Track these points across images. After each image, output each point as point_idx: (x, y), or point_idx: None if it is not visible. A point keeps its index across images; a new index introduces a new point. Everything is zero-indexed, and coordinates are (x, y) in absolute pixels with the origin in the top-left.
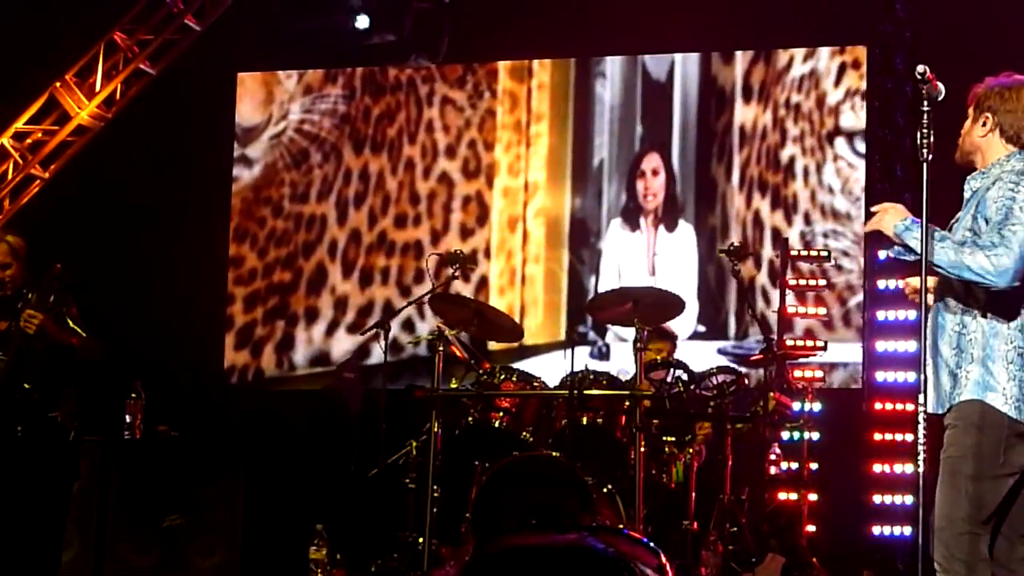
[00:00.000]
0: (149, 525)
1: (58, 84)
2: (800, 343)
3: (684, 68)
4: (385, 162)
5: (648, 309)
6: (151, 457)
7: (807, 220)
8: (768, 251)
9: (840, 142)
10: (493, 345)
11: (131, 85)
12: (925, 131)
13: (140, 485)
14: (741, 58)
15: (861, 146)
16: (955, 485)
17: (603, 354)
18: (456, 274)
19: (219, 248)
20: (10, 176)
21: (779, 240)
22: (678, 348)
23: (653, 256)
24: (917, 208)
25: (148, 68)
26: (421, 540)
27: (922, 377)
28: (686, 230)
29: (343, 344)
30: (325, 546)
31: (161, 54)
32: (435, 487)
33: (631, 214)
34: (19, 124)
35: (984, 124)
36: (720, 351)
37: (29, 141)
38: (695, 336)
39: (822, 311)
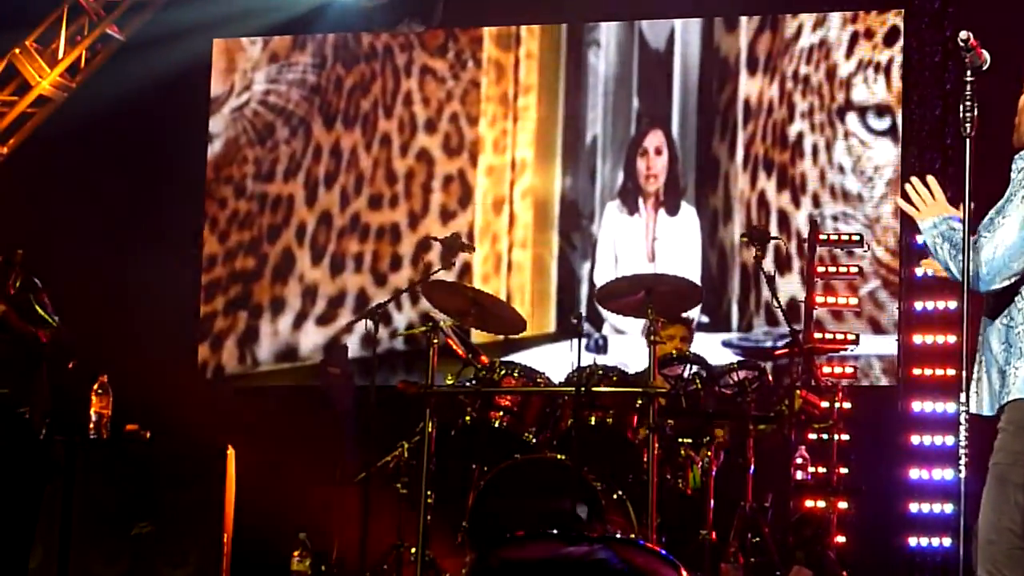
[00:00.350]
0: (117, 533)
1: (17, 51)
2: (830, 336)
3: (684, 36)
4: (359, 137)
5: (663, 298)
6: (120, 459)
7: (816, 202)
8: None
9: (851, 117)
10: (476, 336)
11: (97, 52)
12: (968, 104)
13: (108, 489)
14: (746, 25)
15: (874, 122)
16: (1004, 495)
17: (600, 347)
18: (454, 260)
19: (194, 223)
20: None
21: (809, 222)
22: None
23: (653, 241)
24: (960, 186)
25: (116, 33)
26: (414, 550)
27: (964, 374)
28: (689, 213)
29: (312, 337)
30: (309, 557)
31: (129, 18)
32: (429, 493)
33: (630, 196)
34: None
35: None
36: (725, 343)
37: None
38: (698, 328)
39: (853, 300)
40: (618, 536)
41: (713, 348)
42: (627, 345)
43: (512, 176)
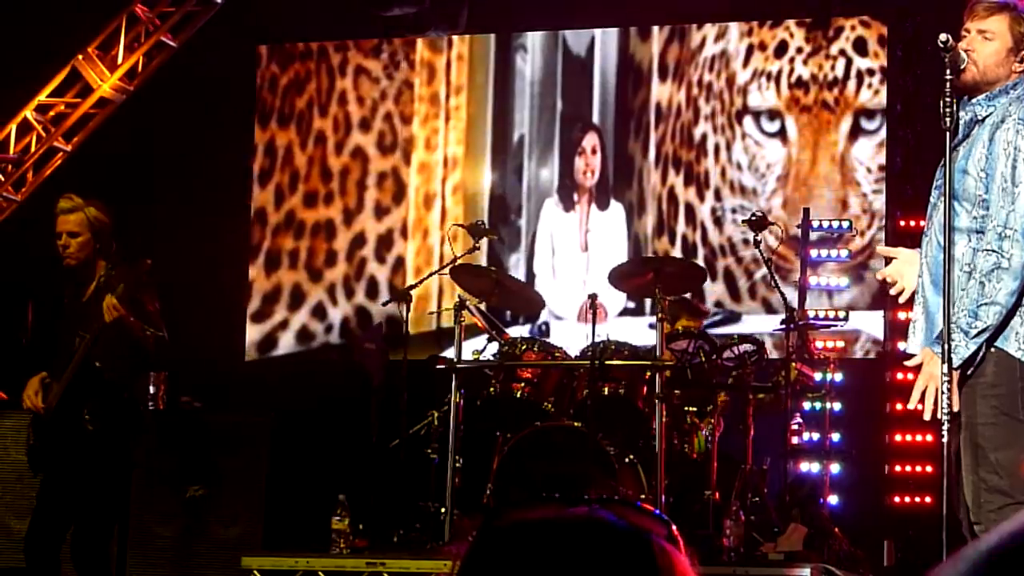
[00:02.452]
0: (172, 495)
1: (80, 57)
2: (822, 313)
3: (603, 44)
4: (294, 136)
5: (670, 279)
6: (174, 428)
7: (717, 196)
8: (681, 226)
9: (748, 121)
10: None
11: (153, 57)
12: (948, 99)
13: (164, 456)
14: (657, 35)
15: (767, 125)
16: (983, 455)
17: (543, 333)
18: (478, 245)
19: (240, 223)
20: (33, 148)
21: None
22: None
23: (586, 233)
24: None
25: (169, 40)
26: (443, 510)
27: (944, 348)
28: (616, 208)
29: (249, 333)
30: (348, 516)
31: (182, 26)
32: (457, 457)
33: (567, 191)
34: (42, 97)
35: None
36: (651, 326)
37: (52, 114)
38: (625, 312)
39: (844, 281)
40: (616, 498)
41: (641, 330)
42: (565, 329)
43: (444, 173)
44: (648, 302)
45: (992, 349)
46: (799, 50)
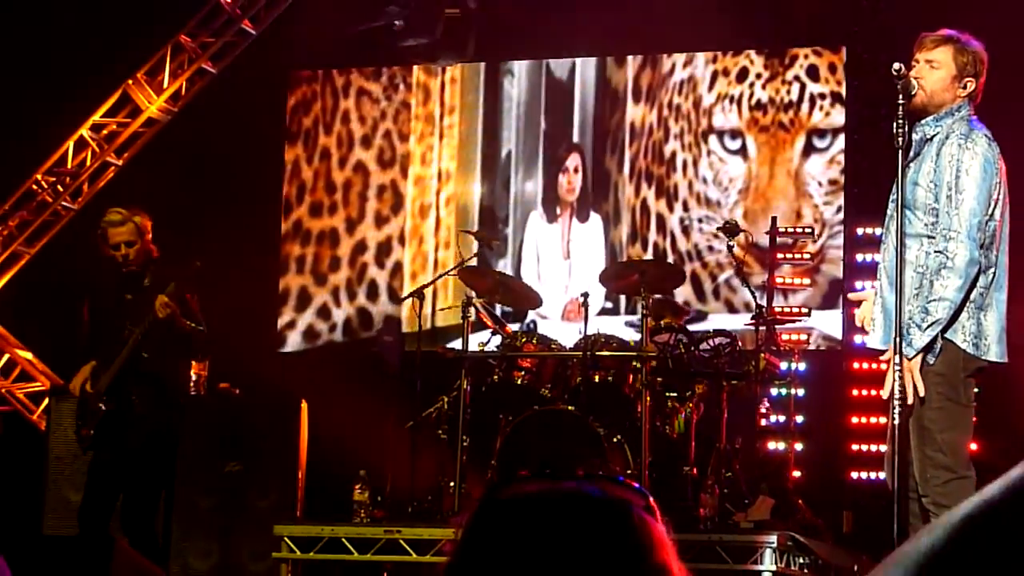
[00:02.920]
0: (213, 471)
1: (130, 82)
2: (788, 309)
3: (583, 70)
4: (301, 152)
5: (654, 280)
6: (214, 411)
7: (685, 207)
8: (653, 234)
9: (712, 139)
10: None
11: (195, 82)
12: (901, 121)
13: (204, 436)
14: (632, 63)
15: (729, 143)
16: (929, 435)
17: (531, 330)
18: (492, 247)
19: (271, 228)
20: (88, 163)
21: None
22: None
23: (568, 243)
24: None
25: (209, 67)
26: (452, 484)
27: (896, 340)
28: (595, 220)
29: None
30: (368, 489)
31: (221, 55)
32: (464, 437)
33: (550, 205)
34: (96, 117)
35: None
36: (628, 324)
37: (105, 132)
38: (603, 312)
39: (807, 281)
40: (600, 473)
41: (619, 327)
42: (550, 327)
43: (438, 185)
44: (623, 303)
45: (941, 341)
46: (758, 76)
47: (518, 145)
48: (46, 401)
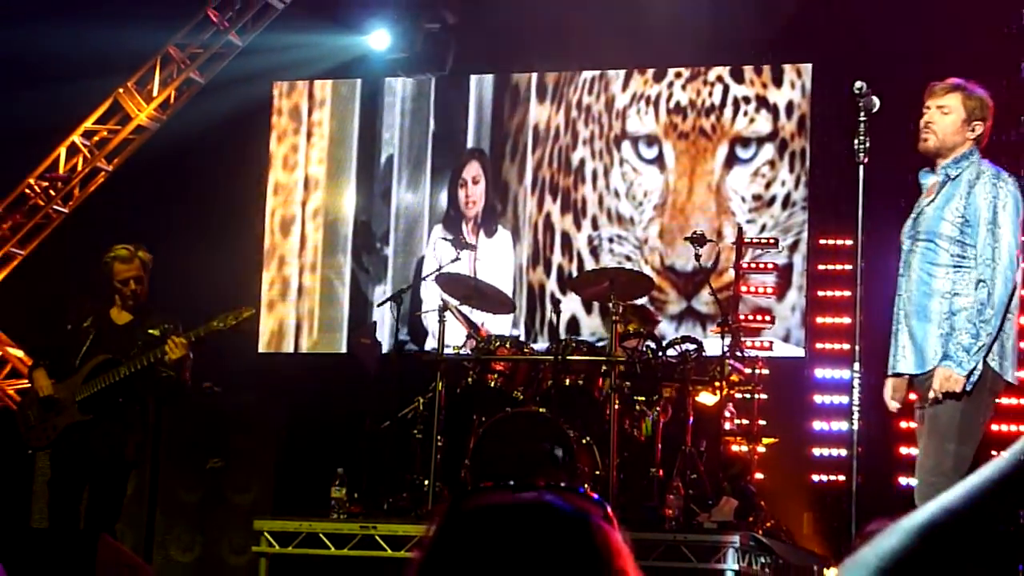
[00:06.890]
0: (195, 467)
1: (121, 90)
2: (752, 318)
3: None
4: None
5: (623, 287)
6: (197, 409)
7: (594, 224)
8: (558, 256)
9: (626, 146)
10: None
11: (183, 91)
12: (862, 137)
13: (187, 433)
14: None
15: (645, 151)
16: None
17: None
18: (459, 256)
19: (256, 229)
20: (80, 168)
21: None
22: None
23: (475, 261)
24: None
25: (197, 77)
26: (427, 482)
27: (857, 348)
28: (504, 235)
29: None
30: (345, 486)
31: (209, 65)
32: (439, 437)
33: (453, 222)
34: (88, 124)
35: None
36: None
37: (96, 138)
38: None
39: (770, 289)
40: (561, 485)
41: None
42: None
43: (304, 196)
44: (583, 317)
45: (981, 364)
46: (678, 75)
47: (401, 148)
48: None
